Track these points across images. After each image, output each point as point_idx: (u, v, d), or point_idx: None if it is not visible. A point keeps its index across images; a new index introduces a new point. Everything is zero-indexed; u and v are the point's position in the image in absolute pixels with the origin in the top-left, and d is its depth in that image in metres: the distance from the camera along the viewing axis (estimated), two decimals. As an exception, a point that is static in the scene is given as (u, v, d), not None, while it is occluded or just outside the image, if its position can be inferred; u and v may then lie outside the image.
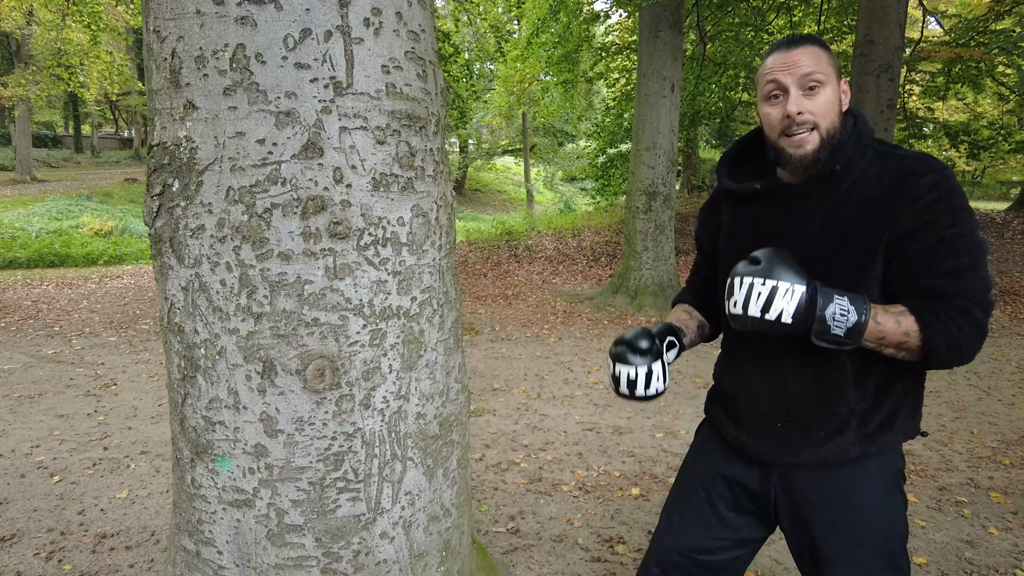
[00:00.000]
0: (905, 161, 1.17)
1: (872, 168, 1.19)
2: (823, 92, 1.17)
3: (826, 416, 1.24)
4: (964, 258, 1.11)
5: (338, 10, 1.14)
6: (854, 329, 1.10)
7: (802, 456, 1.27)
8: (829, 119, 1.18)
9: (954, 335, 1.10)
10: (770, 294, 1.11)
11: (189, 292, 1.23)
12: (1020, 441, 3.77)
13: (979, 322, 1.11)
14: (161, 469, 3.30)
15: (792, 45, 1.19)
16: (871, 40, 7.84)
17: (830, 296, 1.11)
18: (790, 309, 1.10)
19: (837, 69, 1.21)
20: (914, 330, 1.12)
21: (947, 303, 1.11)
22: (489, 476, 3.26)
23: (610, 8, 11.58)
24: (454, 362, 1.44)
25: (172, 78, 1.17)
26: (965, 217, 1.13)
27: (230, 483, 1.28)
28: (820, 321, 1.11)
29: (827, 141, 1.18)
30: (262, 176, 1.15)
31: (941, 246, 1.12)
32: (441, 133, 1.37)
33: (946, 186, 1.13)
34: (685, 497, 1.45)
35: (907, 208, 1.14)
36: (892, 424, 1.24)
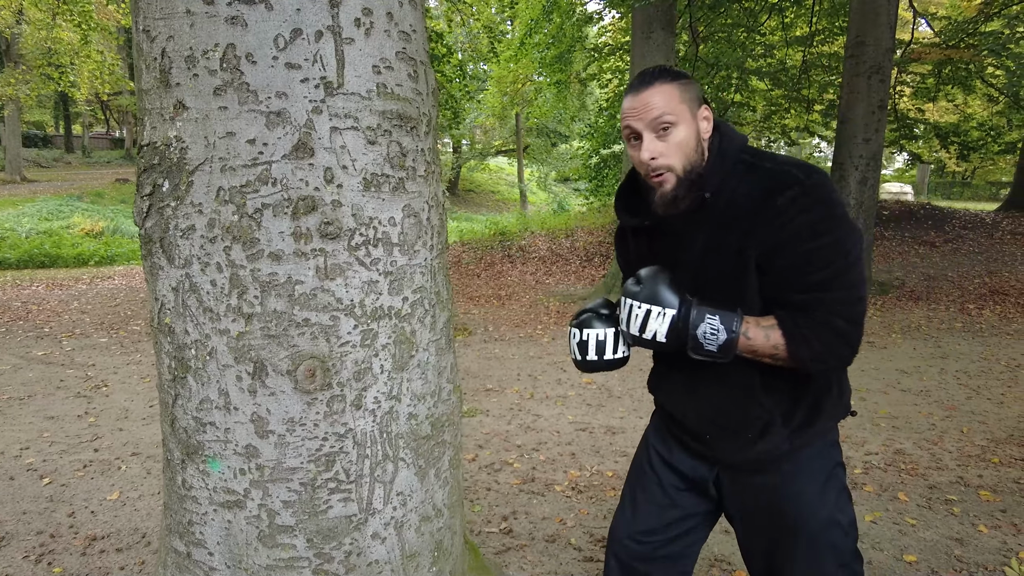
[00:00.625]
0: (769, 176, 1.18)
1: (741, 185, 1.20)
2: (675, 132, 1.18)
3: (748, 422, 1.29)
4: (827, 270, 1.13)
5: (328, 10, 1.14)
6: (725, 346, 1.18)
7: (737, 457, 1.33)
8: (684, 157, 1.20)
9: (816, 348, 1.15)
10: (645, 316, 1.22)
11: (179, 292, 1.23)
12: (1009, 439, 3.80)
13: (843, 332, 1.14)
14: (152, 471, 3.28)
15: (642, 87, 1.20)
16: (862, 41, 7.89)
17: (702, 316, 1.18)
18: (663, 330, 1.21)
19: (691, 97, 1.21)
20: (781, 343, 1.17)
21: (809, 317, 1.15)
22: (482, 476, 3.26)
23: (603, 9, 11.59)
24: (446, 362, 1.44)
25: (162, 78, 1.16)
26: (829, 227, 1.14)
27: (221, 484, 1.28)
28: (692, 339, 1.19)
29: (684, 178, 1.21)
30: (252, 176, 1.15)
31: (802, 261, 1.14)
32: (433, 133, 1.37)
33: (805, 200, 1.14)
34: (636, 481, 1.50)
35: (768, 225, 1.16)
36: (818, 414, 1.28)
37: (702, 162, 1.22)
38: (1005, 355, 5.69)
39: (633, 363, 5.47)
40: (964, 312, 7.36)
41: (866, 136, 7.98)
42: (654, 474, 1.45)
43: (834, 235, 1.14)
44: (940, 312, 7.38)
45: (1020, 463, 3.46)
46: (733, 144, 1.23)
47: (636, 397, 4.59)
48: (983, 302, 7.73)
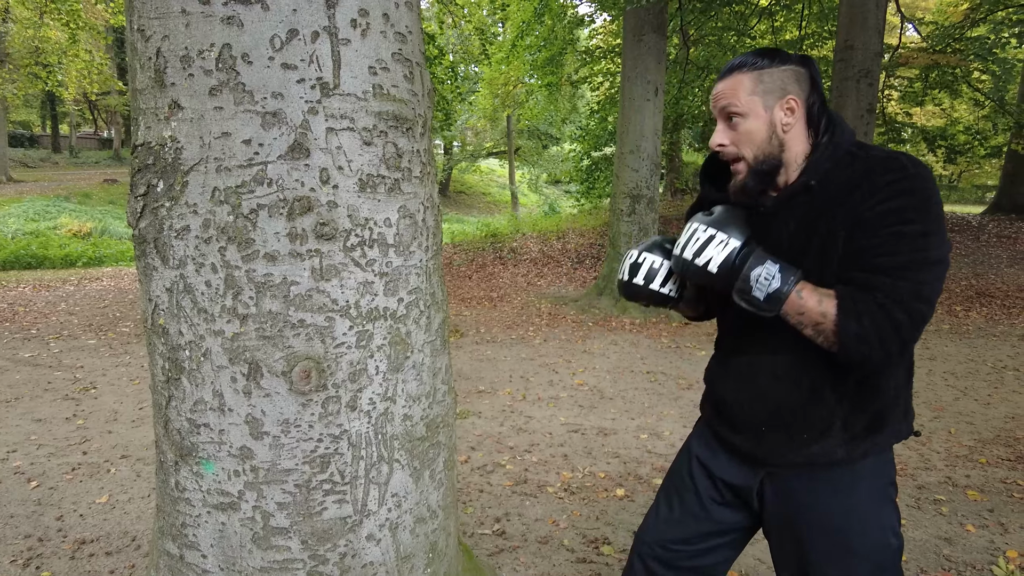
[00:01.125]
0: (874, 160, 1.17)
1: (844, 173, 1.19)
2: (743, 123, 1.20)
3: (807, 420, 1.24)
4: (902, 258, 1.09)
5: (325, 11, 1.14)
6: (774, 296, 1.13)
7: (788, 457, 1.28)
8: (753, 148, 1.20)
9: (866, 327, 1.09)
10: (706, 241, 1.18)
11: (174, 293, 1.22)
12: (996, 440, 3.84)
13: (898, 323, 1.09)
14: (142, 473, 3.26)
15: (723, 76, 1.22)
16: (851, 45, 7.96)
17: (762, 259, 1.15)
18: (718, 259, 1.16)
19: (769, 89, 1.20)
20: (831, 313, 1.11)
21: (870, 296, 1.10)
22: (474, 478, 3.26)
23: (594, 12, 11.64)
24: (441, 363, 1.44)
25: (157, 78, 1.16)
26: (918, 218, 1.10)
27: (215, 486, 1.27)
28: (744, 279, 1.15)
29: (754, 168, 1.21)
30: (248, 177, 1.15)
31: (882, 241, 1.10)
32: (428, 135, 1.37)
33: (905, 184, 1.11)
34: (672, 487, 1.47)
35: (862, 203, 1.13)
36: (881, 426, 1.24)
37: (779, 152, 1.21)
38: (991, 356, 5.76)
39: (624, 364, 5.48)
40: (951, 314, 7.44)
41: (855, 139, 8.03)
42: (692, 483, 1.42)
43: (923, 227, 1.09)
44: (928, 314, 7.45)
45: (1007, 463, 3.49)
46: (845, 136, 1.21)
47: (628, 398, 4.60)
48: (970, 304, 7.81)
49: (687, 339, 6.43)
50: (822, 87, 1.24)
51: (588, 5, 11.86)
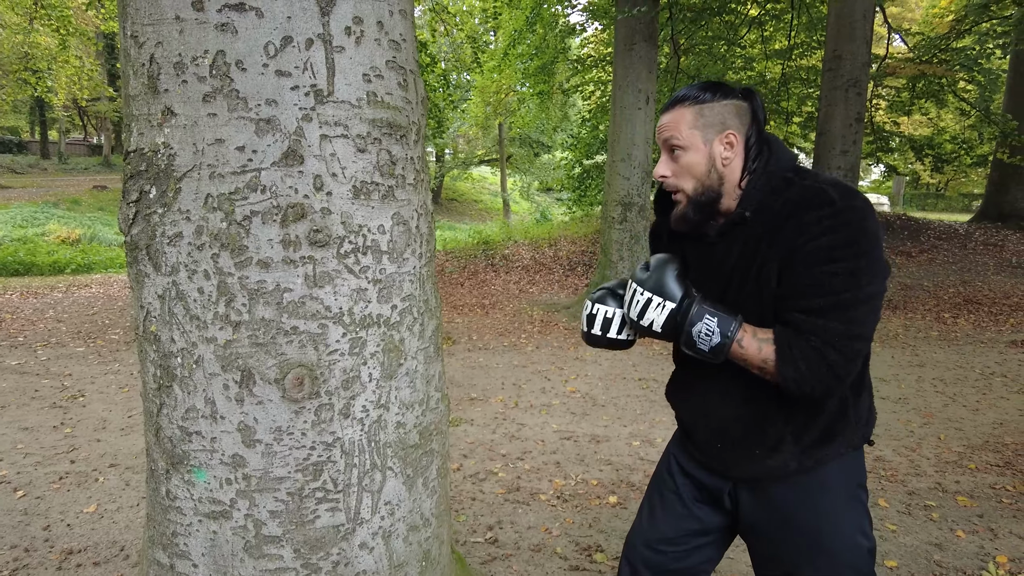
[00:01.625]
0: (804, 191, 1.18)
1: (779, 200, 1.20)
2: (684, 156, 1.24)
3: (757, 437, 1.28)
4: (831, 298, 1.10)
5: (319, 18, 1.14)
6: (716, 348, 1.18)
7: (747, 471, 1.32)
8: (693, 180, 1.24)
9: (802, 371, 1.13)
10: (645, 303, 1.25)
11: (166, 300, 1.21)
12: (984, 446, 3.87)
13: (832, 362, 1.11)
14: (131, 482, 3.22)
15: (667, 108, 1.26)
16: (839, 56, 8.05)
17: (701, 314, 1.19)
18: (659, 320, 1.23)
19: (709, 123, 1.22)
20: (771, 359, 1.16)
21: (804, 339, 1.13)
22: (467, 486, 3.24)
23: (586, 21, 11.71)
24: (434, 370, 1.44)
25: (150, 84, 1.15)
26: (846, 256, 1.10)
27: (206, 494, 1.26)
28: (687, 335, 1.21)
29: (694, 199, 1.25)
30: (241, 183, 1.14)
31: (811, 282, 1.12)
32: (421, 142, 1.37)
33: (830, 222, 1.11)
34: (655, 489, 1.51)
35: (791, 239, 1.15)
36: (831, 438, 1.26)
37: (717, 184, 1.24)
38: (979, 363, 5.80)
39: (616, 371, 5.49)
40: (940, 321, 7.50)
41: (844, 148, 8.12)
42: (673, 483, 1.45)
43: (851, 264, 1.10)
44: (917, 321, 7.51)
45: (996, 469, 3.52)
46: (781, 163, 1.23)
47: (620, 405, 4.60)
48: (958, 311, 7.88)
49: (679, 346, 6.44)
50: (763, 118, 1.27)
51: (580, 14, 11.93)
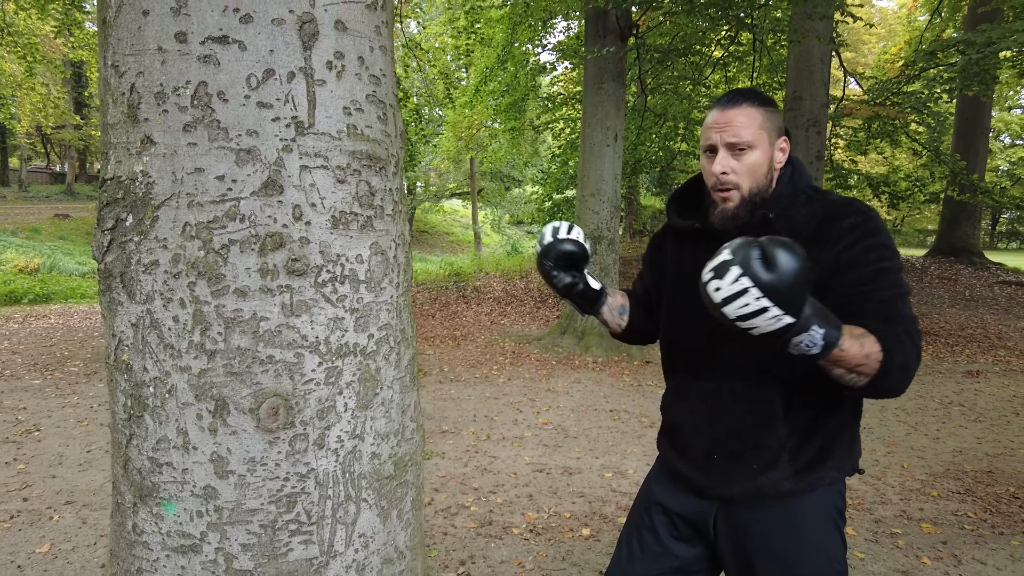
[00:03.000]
0: (829, 206, 1.24)
1: (802, 212, 1.25)
2: (749, 155, 1.24)
3: (758, 449, 1.28)
4: (894, 290, 1.17)
5: (301, 52, 1.17)
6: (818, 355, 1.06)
7: (737, 487, 1.32)
8: (753, 180, 1.25)
9: (907, 356, 1.12)
10: (758, 311, 0.99)
11: (139, 329, 1.20)
12: (946, 473, 3.96)
13: (918, 348, 1.14)
14: (88, 520, 3.10)
15: (730, 104, 1.25)
16: (799, 96, 8.39)
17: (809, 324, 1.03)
18: (765, 329, 1.01)
19: (773, 127, 1.26)
20: (875, 351, 1.09)
21: (897, 326, 1.13)
22: (438, 520, 3.20)
23: (556, 60, 12.00)
24: (409, 400, 1.44)
25: (130, 113, 1.16)
26: (888, 255, 1.18)
27: (176, 528, 1.23)
28: (785, 343, 1.06)
29: (748, 200, 1.26)
30: (220, 212, 1.15)
31: (874, 277, 1.17)
32: (400, 174, 1.39)
33: (867, 225, 1.19)
34: (633, 527, 1.49)
35: (830, 247, 1.19)
36: (825, 459, 1.28)
37: (769, 188, 1.27)
38: (938, 393, 5.97)
39: (588, 403, 5.50)
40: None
41: (805, 185, 8.40)
42: (650, 521, 1.44)
43: (896, 263, 1.18)
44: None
45: (957, 496, 3.61)
46: (803, 178, 1.29)
47: (592, 437, 4.61)
48: (917, 343, 8.11)
49: (648, 377, 6.50)
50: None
51: (550, 53, 12.23)
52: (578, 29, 12.10)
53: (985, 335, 8.41)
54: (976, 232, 13.72)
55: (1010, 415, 5.24)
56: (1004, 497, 3.57)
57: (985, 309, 9.88)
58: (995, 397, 5.80)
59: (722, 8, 7.19)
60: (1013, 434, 4.75)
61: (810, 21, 7.49)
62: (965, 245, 13.26)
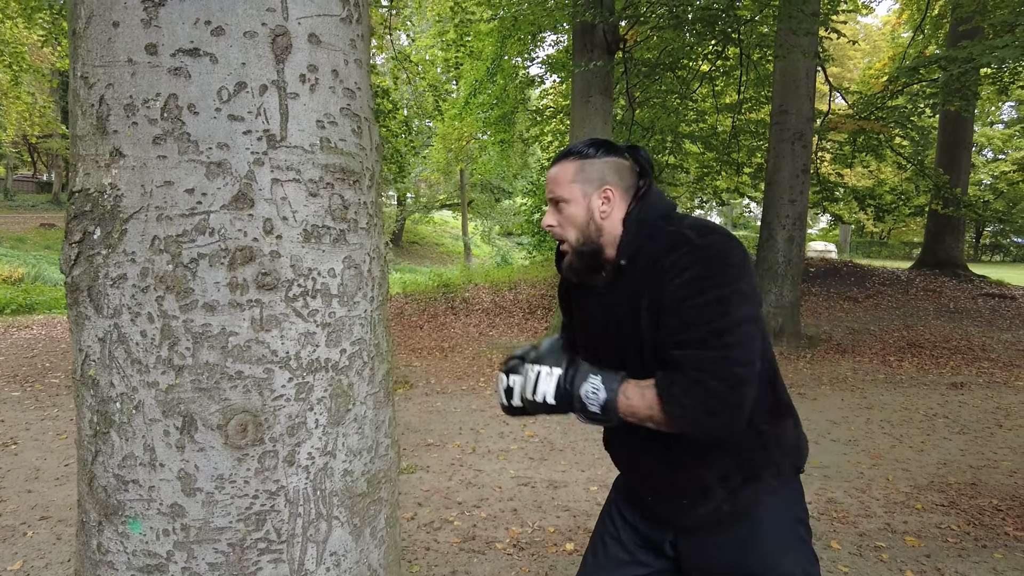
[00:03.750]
0: (666, 237, 1.22)
1: (650, 250, 1.24)
2: (566, 208, 1.30)
3: (683, 485, 1.28)
4: (703, 328, 1.11)
5: (274, 65, 1.16)
6: (606, 406, 1.19)
7: (680, 520, 1.32)
8: (575, 231, 1.30)
9: (687, 406, 1.11)
10: (536, 377, 1.26)
11: (106, 343, 1.18)
12: (930, 486, 3.97)
13: (715, 392, 1.09)
14: (64, 536, 3.04)
15: (554, 162, 1.33)
16: (785, 110, 8.47)
17: (584, 375, 1.22)
18: (550, 390, 1.24)
19: (589, 178, 1.28)
20: (655, 403, 1.15)
21: (682, 374, 1.12)
22: (421, 536, 3.17)
23: (544, 73, 12.07)
24: (384, 416, 1.42)
25: (99, 125, 1.15)
26: (709, 286, 1.13)
27: (141, 547, 1.20)
28: (578, 399, 1.21)
29: (577, 249, 1.31)
30: (189, 226, 1.13)
31: (683, 317, 1.14)
32: (375, 187, 1.39)
33: (689, 258, 1.15)
34: (599, 535, 1.49)
35: (658, 283, 1.19)
36: (758, 473, 1.26)
37: (597, 236, 1.29)
38: (923, 404, 6.00)
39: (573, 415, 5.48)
40: (886, 364, 7.75)
41: (791, 197, 8.48)
42: (615, 529, 1.44)
43: (719, 293, 1.12)
44: (864, 364, 7.75)
45: (941, 508, 3.61)
46: (652, 213, 1.27)
47: (578, 450, 4.59)
48: (902, 354, 8.17)
49: (636, 390, 6.49)
50: (650, 172, 1.32)
51: (539, 66, 12.32)
52: (568, 43, 12.19)
53: (969, 347, 8.48)
54: (960, 245, 13.87)
55: (993, 427, 5.27)
56: (987, 510, 3.58)
57: (969, 321, 9.96)
58: (979, 409, 5.83)
59: (708, 23, 7.27)
60: (996, 446, 4.78)
61: (795, 37, 7.58)
62: (949, 258, 13.39)
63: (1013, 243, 34.81)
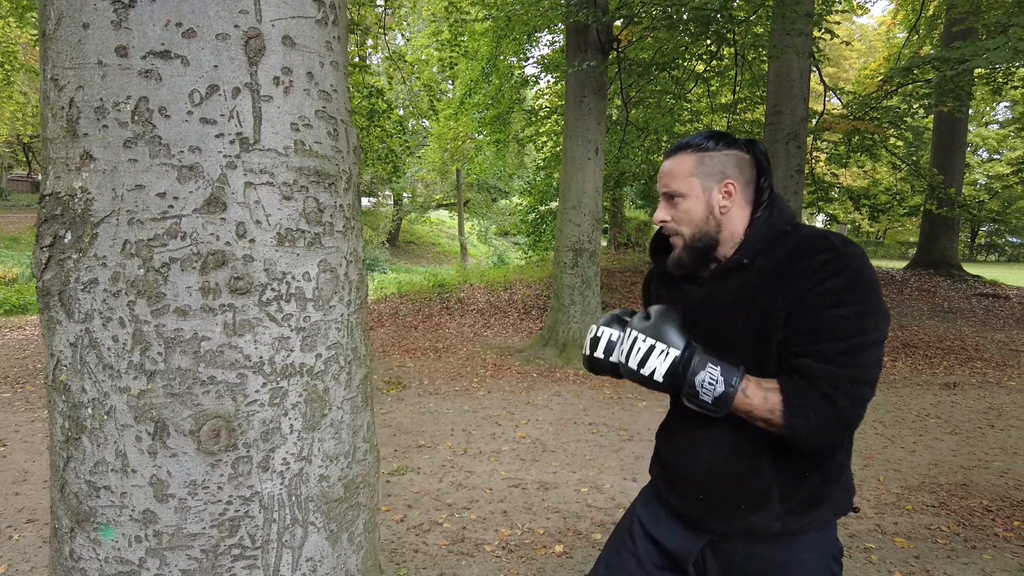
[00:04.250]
0: (804, 239, 1.19)
1: (778, 251, 1.21)
2: (682, 203, 1.27)
3: (745, 490, 1.25)
4: (841, 343, 1.10)
5: (247, 68, 1.15)
6: (720, 399, 1.15)
7: (726, 525, 1.28)
8: (691, 226, 1.27)
9: (812, 420, 1.10)
10: (648, 351, 1.20)
11: (78, 348, 1.17)
12: (921, 487, 3.97)
13: (842, 410, 1.09)
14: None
15: (668, 155, 1.29)
16: (779, 111, 8.48)
17: (704, 363, 1.17)
18: (662, 369, 1.19)
19: (709, 172, 1.25)
20: (778, 408, 1.13)
21: (814, 386, 1.11)
22: (410, 538, 3.15)
23: (539, 73, 12.07)
24: (362, 421, 1.41)
25: (69, 128, 1.14)
26: (853, 300, 1.11)
27: (114, 554, 1.19)
28: (690, 385, 1.17)
29: (690, 245, 1.28)
30: (161, 230, 1.12)
31: (820, 326, 1.12)
32: (353, 190, 1.38)
33: (835, 265, 1.12)
34: (614, 547, 1.45)
35: (797, 284, 1.15)
36: (820, 500, 1.24)
37: (715, 231, 1.26)
38: (916, 405, 6.01)
39: (567, 416, 5.47)
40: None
41: (786, 197, 8.47)
42: (633, 545, 1.40)
43: (859, 308, 1.10)
44: (857, 365, 7.74)
45: (931, 509, 3.61)
46: (782, 217, 1.25)
47: (570, 451, 4.58)
48: (896, 354, 8.18)
49: (628, 390, 6.49)
50: (768, 169, 1.29)
51: (534, 66, 12.30)
52: (563, 43, 12.19)
53: (963, 347, 8.50)
54: (954, 245, 13.90)
55: (985, 427, 5.27)
56: (977, 510, 3.58)
57: (963, 321, 9.98)
58: (971, 409, 5.84)
59: (702, 24, 7.26)
60: (988, 446, 4.78)
61: (789, 37, 7.58)
62: (944, 258, 13.43)
63: (1008, 243, 34.93)
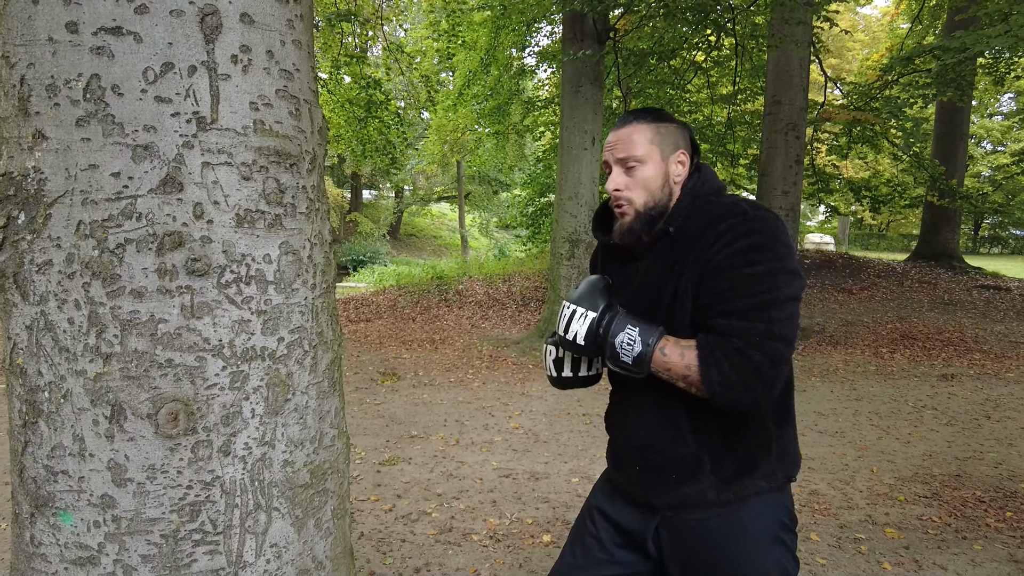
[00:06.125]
0: (719, 207, 1.23)
1: (700, 220, 1.24)
2: (640, 170, 1.27)
3: (673, 460, 1.27)
4: (751, 299, 1.13)
5: (203, 46, 1.13)
6: (639, 358, 1.18)
7: (663, 498, 1.29)
8: (646, 195, 1.27)
9: (727, 373, 1.12)
10: (570, 316, 1.27)
11: (34, 331, 1.15)
12: (914, 477, 3.95)
13: (757, 364, 1.11)
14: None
15: (621, 124, 1.29)
16: (778, 101, 8.42)
17: (623, 325, 1.20)
18: (582, 331, 1.24)
19: (667, 141, 1.28)
20: (694, 364, 1.15)
21: (727, 342, 1.13)
22: (398, 527, 3.15)
23: (537, 64, 12.00)
24: (329, 406, 1.39)
25: (20, 106, 1.11)
26: (761, 259, 1.14)
27: (73, 539, 1.18)
28: (611, 347, 1.20)
29: (643, 214, 1.28)
30: (116, 210, 1.10)
31: (730, 286, 1.15)
32: (318, 171, 1.35)
33: (743, 227, 1.16)
34: (577, 533, 1.47)
35: (706, 250, 1.18)
36: (751, 469, 1.25)
37: (667, 201, 1.27)
38: (912, 396, 5.98)
39: (561, 407, 5.46)
40: (878, 356, 7.74)
41: (784, 188, 8.44)
42: (594, 527, 1.42)
43: (769, 266, 1.13)
44: (856, 356, 7.73)
45: (923, 500, 3.60)
46: (706, 186, 1.28)
47: (562, 442, 4.57)
48: (895, 346, 8.15)
49: (625, 382, 6.47)
50: (698, 148, 1.33)
51: (532, 57, 12.23)
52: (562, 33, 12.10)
53: (962, 339, 8.46)
54: (956, 237, 13.83)
55: (981, 419, 5.25)
56: (970, 501, 3.57)
57: (963, 313, 9.94)
58: (968, 401, 5.82)
59: (700, 13, 7.20)
60: (983, 438, 4.76)
61: (788, 26, 7.52)
62: (945, 250, 13.35)
63: (1012, 235, 34.75)
